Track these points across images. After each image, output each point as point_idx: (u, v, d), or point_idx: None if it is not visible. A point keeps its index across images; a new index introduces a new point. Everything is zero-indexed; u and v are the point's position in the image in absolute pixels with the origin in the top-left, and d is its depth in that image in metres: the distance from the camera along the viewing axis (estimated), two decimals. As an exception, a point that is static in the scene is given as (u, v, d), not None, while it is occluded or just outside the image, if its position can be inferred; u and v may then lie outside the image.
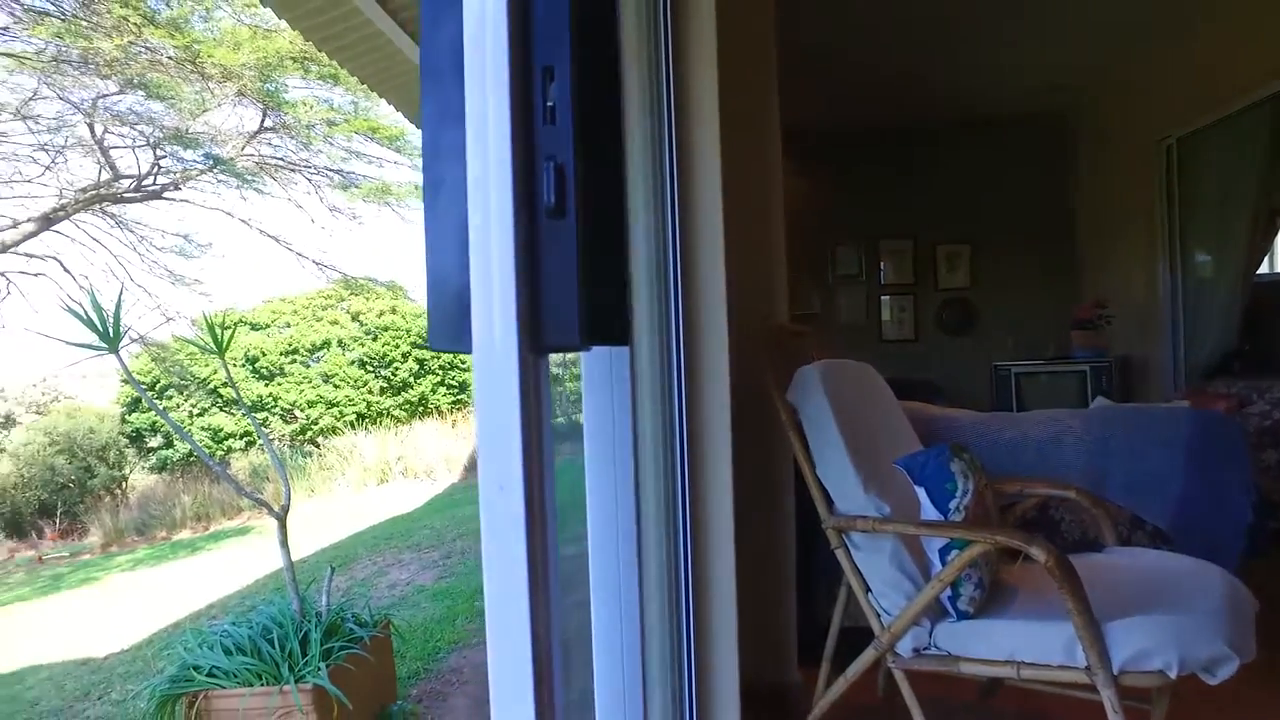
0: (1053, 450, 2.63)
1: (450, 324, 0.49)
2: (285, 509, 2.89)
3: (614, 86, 0.53)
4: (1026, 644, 1.70)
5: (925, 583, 1.87)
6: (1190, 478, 2.48)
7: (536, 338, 0.47)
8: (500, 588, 0.46)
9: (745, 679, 1.81)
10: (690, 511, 1.67)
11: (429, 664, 3.67)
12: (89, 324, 2.59)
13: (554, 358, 0.54)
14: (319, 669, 2.73)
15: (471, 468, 11.24)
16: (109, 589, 7.66)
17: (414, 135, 10.36)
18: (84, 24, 7.62)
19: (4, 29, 8.06)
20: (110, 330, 2.69)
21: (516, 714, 0.47)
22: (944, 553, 1.87)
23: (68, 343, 2.66)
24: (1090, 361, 5.68)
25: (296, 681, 2.72)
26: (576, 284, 0.46)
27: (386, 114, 10.09)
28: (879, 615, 1.94)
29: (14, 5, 7.68)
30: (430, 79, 0.48)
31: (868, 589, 1.97)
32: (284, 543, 2.91)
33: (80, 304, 2.60)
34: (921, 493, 1.92)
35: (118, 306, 2.76)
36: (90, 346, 2.65)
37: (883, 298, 6.87)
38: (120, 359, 2.83)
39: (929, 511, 1.91)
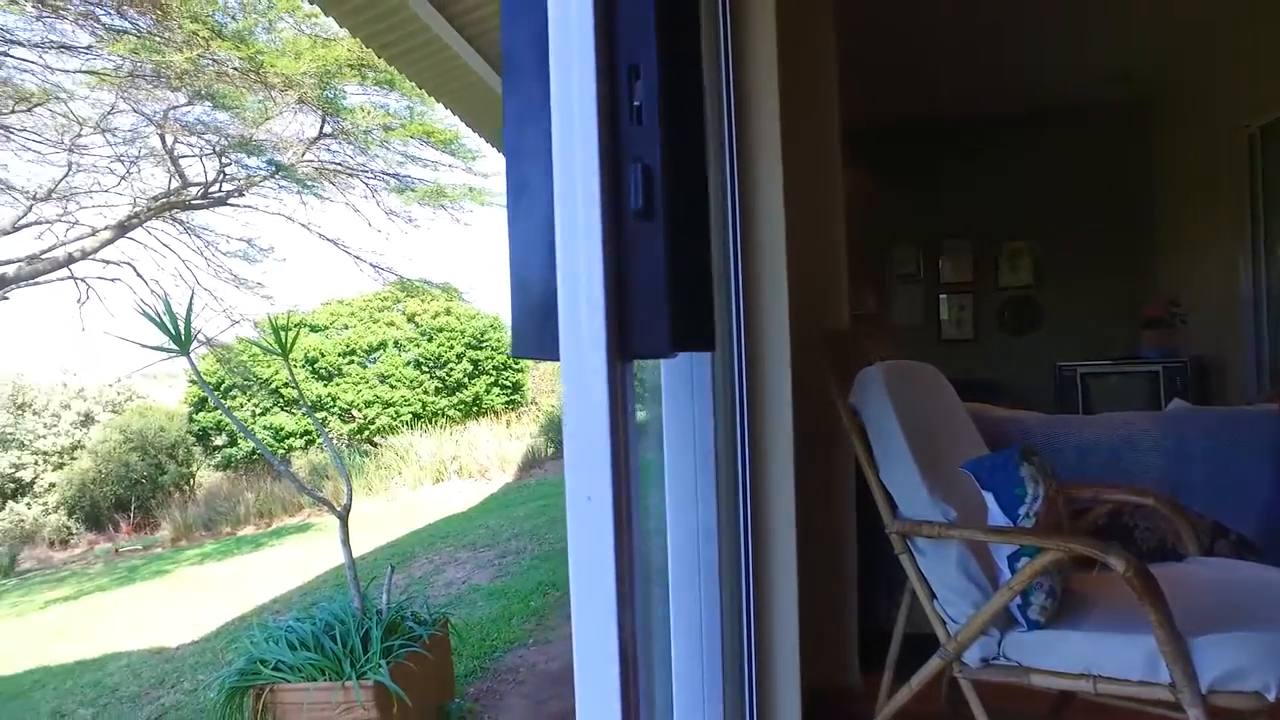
0: (1128, 454, 2.53)
1: (535, 330, 0.48)
2: (347, 508, 2.94)
3: (697, 85, 0.52)
4: (1103, 657, 1.63)
5: (993, 590, 1.81)
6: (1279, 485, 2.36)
7: (624, 344, 0.46)
8: (588, 598, 0.45)
9: (806, 682, 1.78)
10: (752, 514, 1.65)
11: (485, 663, 3.71)
12: (163, 327, 2.68)
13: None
14: (380, 666, 2.78)
15: (525, 467, 11.35)
16: (179, 581, 7.94)
17: (468, 138, 10.51)
18: (158, 39, 7.91)
19: (87, 48, 8.42)
20: (182, 333, 2.78)
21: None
22: (1013, 560, 1.81)
23: (144, 345, 2.75)
24: (1162, 362, 5.46)
25: (358, 678, 2.78)
26: (665, 288, 0.45)
27: (441, 117, 10.26)
28: (944, 623, 1.88)
29: (96, 25, 8.01)
30: (512, 76, 0.47)
31: (933, 595, 1.92)
32: (345, 541, 2.97)
33: (155, 308, 2.69)
34: (989, 497, 1.87)
35: (188, 311, 2.85)
36: (164, 349, 2.74)
37: (941, 297, 6.72)
38: (191, 361, 2.92)
39: (997, 517, 1.85)
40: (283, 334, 2.95)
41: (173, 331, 2.70)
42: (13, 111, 9.42)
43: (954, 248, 6.66)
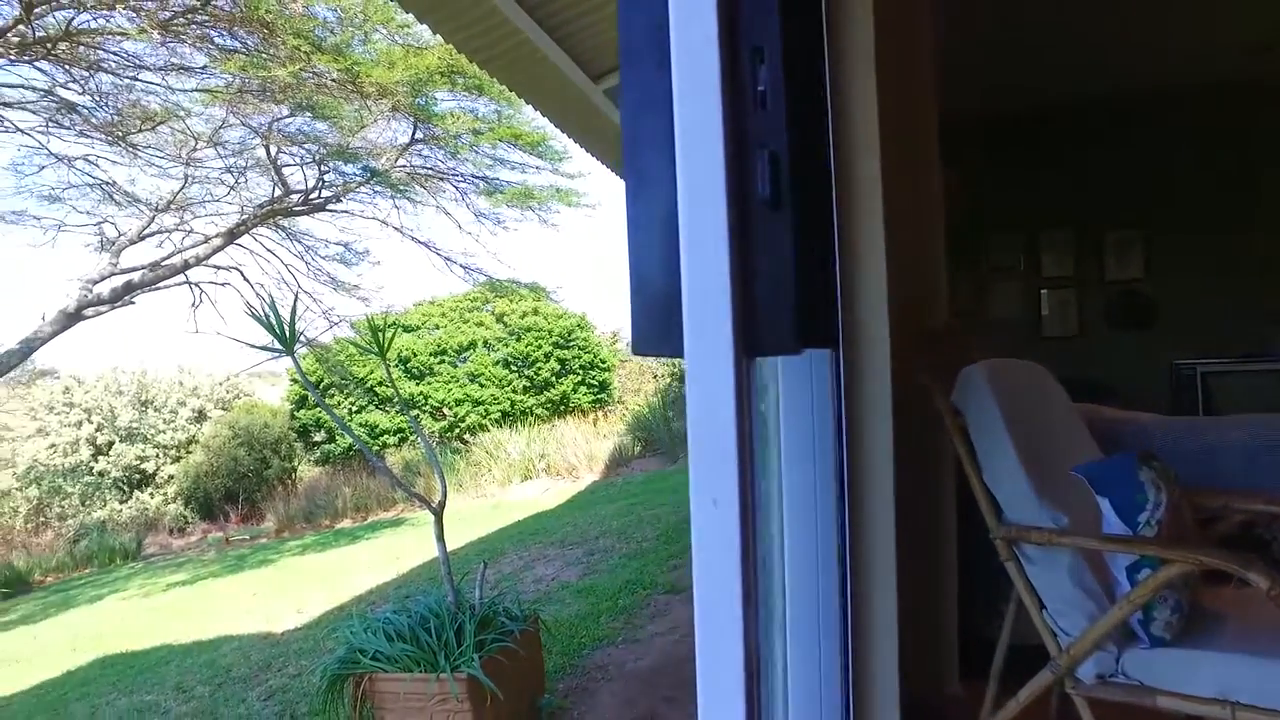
0: (1267, 460, 2.34)
1: (656, 326, 0.46)
2: (442, 504, 3.01)
3: (820, 67, 0.49)
4: (1244, 681, 1.51)
5: (1110, 603, 1.71)
6: None
7: (750, 341, 0.44)
8: (713, 602, 0.43)
9: (904, 689, 1.72)
10: (851, 516, 1.60)
11: (574, 660, 3.74)
12: (270, 328, 2.81)
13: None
14: (473, 660, 2.83)
15: (612, 465, 11.42)
16: (282, 570, 8.34)
17: (556, 140, 10.65)
18: (264, 56, 8.32)
19: (202, 68, 8.94)
20: (287, 334, 2.90)
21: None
22: (1133, 571, 1.70)
23: (252, 345, 2.89)
24: (1295, 360, 5.06)
25: (452, 670, 2.84)
26: (793, 282, 0.43)
27: (529, 119, 10.44)
28: (1055, 635, 1.79)
29: (211, 46, 8.50)
30: (629, 64, 0.46)
31: (1042, 606, 1.82)
32: (440, 536, 3.04)
33: (262, 311, 2.82)
34: (1105, 504, 1.76)
35: (293, 313, 2.98)
36: (271, 349, 2.87)
37: (1041, 291, 6.41)
38: (295, 361, 3.05)
39: (1113, 525, 1.74)
40: (380, 334, 3.04)
41: (279, 332, 2.82)
42: (139, 130, 10.09)
43: (1055, 238, 6.34)
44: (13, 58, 8.41)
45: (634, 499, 8.48)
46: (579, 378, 15.33)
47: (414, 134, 10.65)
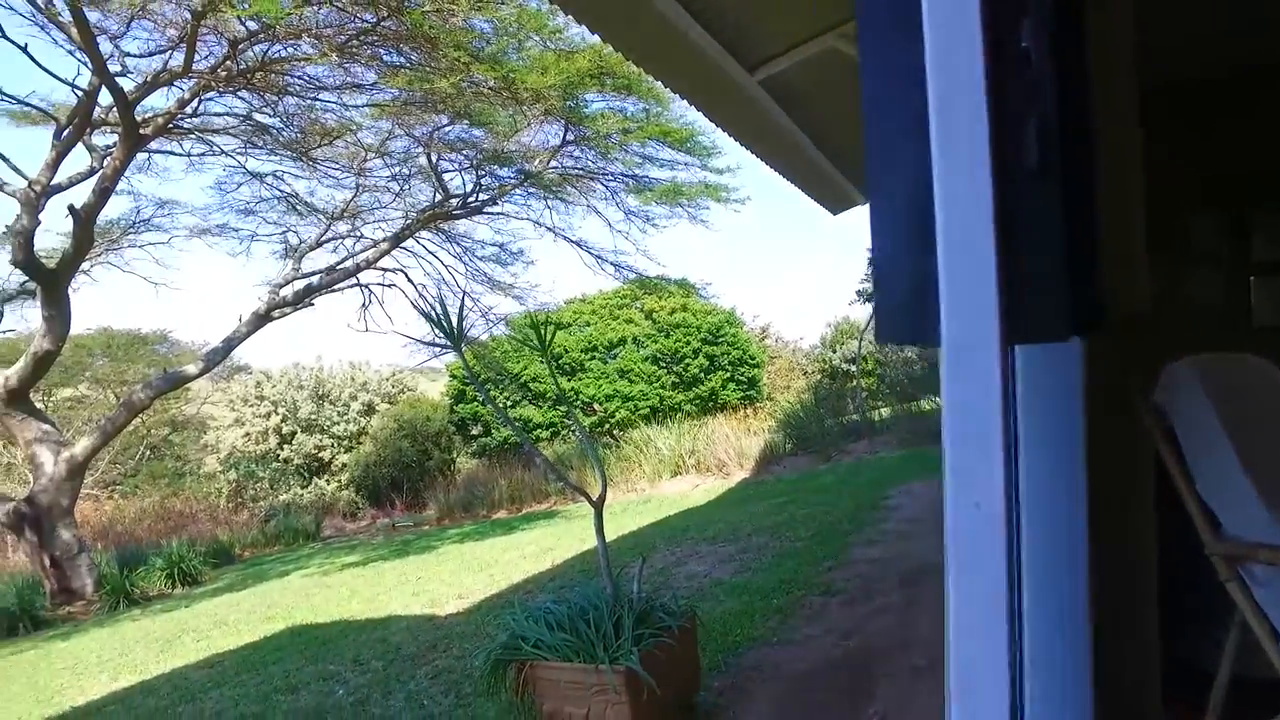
0: None
1: (904, 313, 0.42)
2: (601, 498, 3.06)
3: (1082, 21, 0.43)
4: None
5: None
6: None
7: (1016, 327, 0.39)
8: (970, 614, 0.38)
9: (1099, 711, 1.56)
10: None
11: (728, 659, 3.70)
12: (441, 327, 2.95)
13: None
14: (631, 653, 2.85)
15: (763, 463, 11.29)
16: (443, 557, 8.81)
17: (704, 136, 10.62)
18: (427, 69, 8.82)
19: (372, 85, 9.61)
20: (455, 332, 3.04)
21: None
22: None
23: (424, 342, 3.05)
24: None
25: (610, 662, 2.87)
26: (1064, 260, 0.37)
27: (677, 115, 10.47)
28: (1293, 669, 1.57)
29: (380, 64, 9.12)
30: (869, 28, 0.41)
31: (1276, 635, 1.61)
32: (599, 529, 3.09)
33: (434, 310, 2.97)
34: (1356, 520, 1.53)
35: (461, 312, 3.12)
36: (440, 345, 3.02)
37: (1250, 277, 5.72)
38: (462, 357, 3.19)
39: (1367, 545, 1.51)
40: (541, 330, 3.13)
41: (448, 330, 2.96)
42: (318, 146, 11.00)
43: (1269, 217, 5.64)
44: (220, 89, 9.37)
45: (786, 497, 8.34)
46: (728, 374, 15.26)
47: (565, 136, 10.96)
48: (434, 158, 11.57)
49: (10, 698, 5.42)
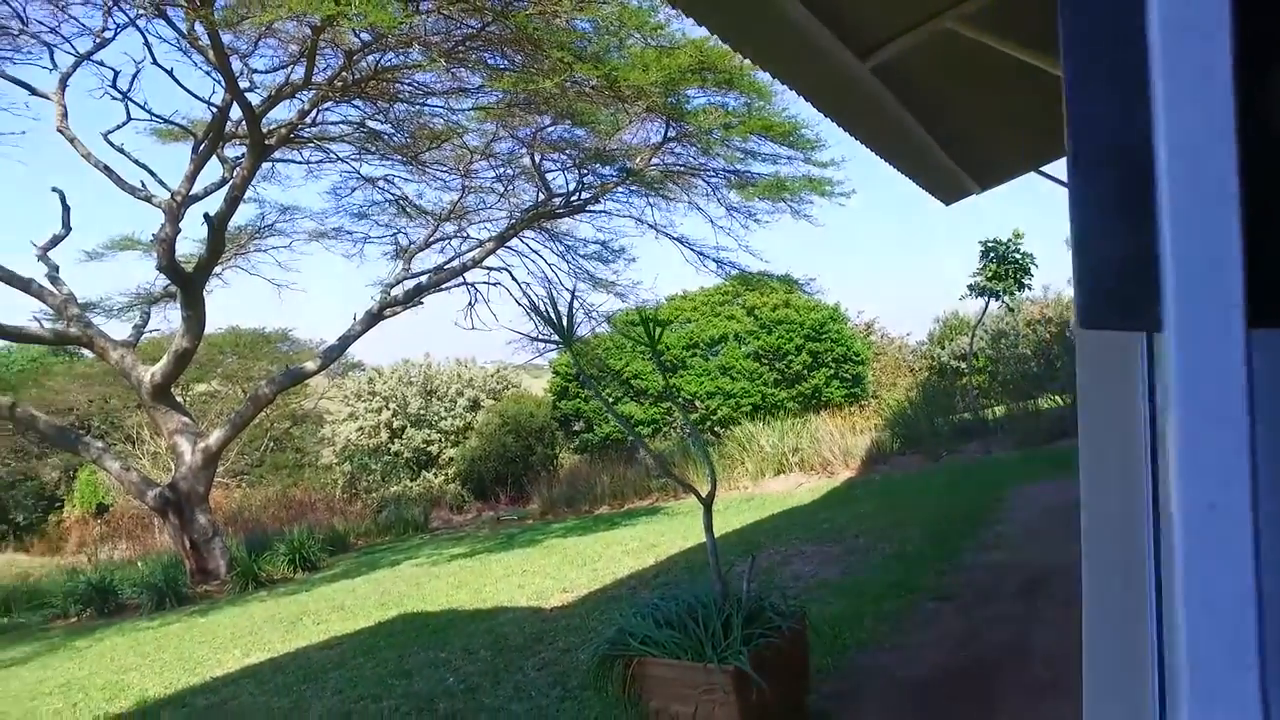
0: None
1: (1112, 295, 0.36)
2: (711, 495, 3.02)
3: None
4: None
5: None
6: None
7: (1264, 305, 0.33)
8: (1209, 631, 0.33)
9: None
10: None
11: (837, 662, 3.60)
12: (552, 324, 2.98)
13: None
14: (741, 653, 2.80)
15: (869, 462, 10.99)
16: (547, 550, 8.96)
17: (808, 129, 10.38)
18: (531, 70, 8.99)
19: (478, 88, 9.88)
20: (566, 328, 3.07)
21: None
22: None
23: (535, 338, 3.09)
24: None
25: (719, 661, 2.82)
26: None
27: (781, 108, 10.26)
28: None
29: (485, 69, 9.37)
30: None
31: None
32: (709, 527, 3.04)
33: (544, 307, 3.00)
34: None
35: (570, 309, 3.14)
36: (552, 342, 3.04)
37: None
38: (573, 353, 3.22)
39: None
40: (649, 326, 3.11)
41: (559, 327, 2.99)
42: (427, 149, 11.40)
43: None
44: (336, 99, 9.86)
45: (894, 498, 8.08)
46: (831, 371, 14.91)
47: (666, 132, 10.94)
48: (537, 158, 11.79)
49: (164, 665, 5.89)
